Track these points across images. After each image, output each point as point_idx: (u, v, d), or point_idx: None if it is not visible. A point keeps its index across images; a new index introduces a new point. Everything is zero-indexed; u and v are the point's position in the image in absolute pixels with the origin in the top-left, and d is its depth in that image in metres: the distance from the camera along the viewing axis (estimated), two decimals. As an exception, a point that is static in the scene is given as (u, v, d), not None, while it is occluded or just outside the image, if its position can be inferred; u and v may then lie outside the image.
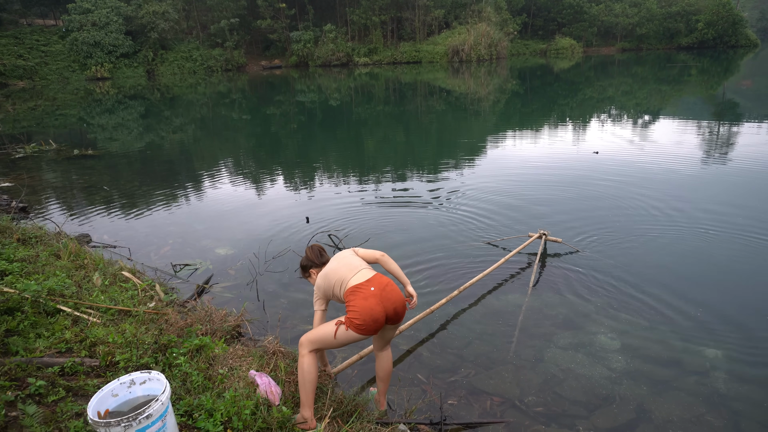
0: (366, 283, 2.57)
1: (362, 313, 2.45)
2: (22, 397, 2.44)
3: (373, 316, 2.46)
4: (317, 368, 2.56)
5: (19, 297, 3.31)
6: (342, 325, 2.49)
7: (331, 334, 2.51)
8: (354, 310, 2.47)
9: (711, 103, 17.78)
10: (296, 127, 15.73)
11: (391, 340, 2.84)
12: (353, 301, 2.50)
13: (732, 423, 2.88)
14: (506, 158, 9.99)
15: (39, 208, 7.51)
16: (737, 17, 51.06)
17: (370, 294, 2.51)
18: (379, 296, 2.52)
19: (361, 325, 2.45)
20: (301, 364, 2.51)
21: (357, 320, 2.45)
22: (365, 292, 2.52)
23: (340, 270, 2.68)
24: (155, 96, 27.90)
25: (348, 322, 2.48)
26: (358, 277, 2.61)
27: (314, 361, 2.53)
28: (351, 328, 2.47)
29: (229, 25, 45.07)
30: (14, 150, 11.99)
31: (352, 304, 2.49)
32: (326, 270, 2.76)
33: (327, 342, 2.55)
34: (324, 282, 2.73)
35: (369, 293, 2.51)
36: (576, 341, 3.72)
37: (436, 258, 5.26)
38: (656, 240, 5.49)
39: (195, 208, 7.46)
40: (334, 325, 2.52)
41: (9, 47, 39.19)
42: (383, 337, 2.76)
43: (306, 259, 3.01)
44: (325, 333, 2.54)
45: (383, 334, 2.74)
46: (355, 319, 2.46)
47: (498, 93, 23.30)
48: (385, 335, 2.75)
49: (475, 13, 48.65)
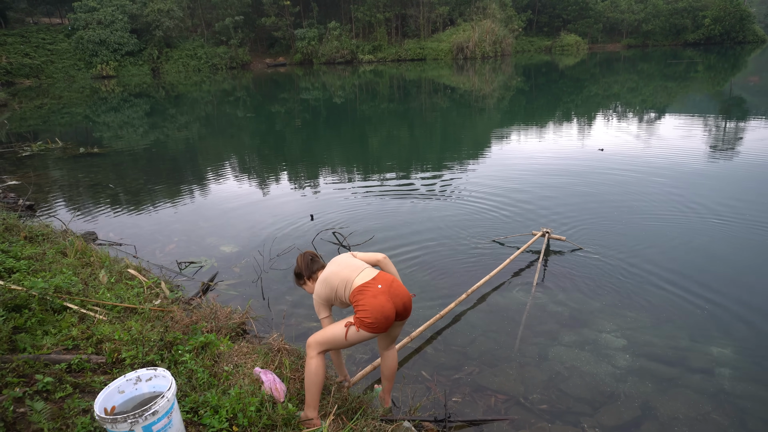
0: (372, 281, 2.54)
1: (373, 311, 2.42)
2: (30, 393, 2.46)
3: (384, 313, 2.44)
4: (325, 371, 2.53)
5: (26, 294, 3.34)
6: (352, 326, 2.45)
7: (341, 335, 2.47)
8: (364, 309, 2.44)
9: (718, 100, 17.65)
10: (301, 125, 15.74)
11: (397, 338, 2.82)
12: (362, 300, 2.46)
13: (738, 421, 2.87)
14: (511, 155, 9.96)
15: (46, 206, 7.56)
16: (744, 13, 50.57)
17: (378, 291, 2.48)
18: (388, 293, 2.49)
19: (373, 323, 2.42)
20: (309, 366, 2.48)
21: (368, 319, 2.42)
22: (373, 290, 2.49)
23: (342, 272, 2.63)
24: (160, 94, 27.98)
25: (358, 322, 2.44)
26: (363, 276, 2.58)
27: (322, 364, 2.49)
28: (362, 328, 2.43)
29: (234, 22, 45.10)
30: (21, 148, 12.07)
31: (362, 303, 2.45)
32: (326, 274, 2.68)
33: (337, 343, 2.52)
34: (325, 287, 2.65)
35: (377, 291, 2.48)
36: (580, 339, 3.72)
37: (442, 256, 5.26)
38: (661, 237, 5.46)
39: (200, 205, 7.49)
40: (343, 326, 2.47)
41: (15, 46, 39.43)
42: (390, 335, 2.75)
43: (299, 267, 2.87)
44: (334, 335, 2.50)
45: (391, 331, 2.72)
46: (366, 318, 2.42)
47: (503, 90, 23.21)
48: (393, 333, 2.74)
49: (480, 9, 48.42)
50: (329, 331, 2.53)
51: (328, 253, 5.37)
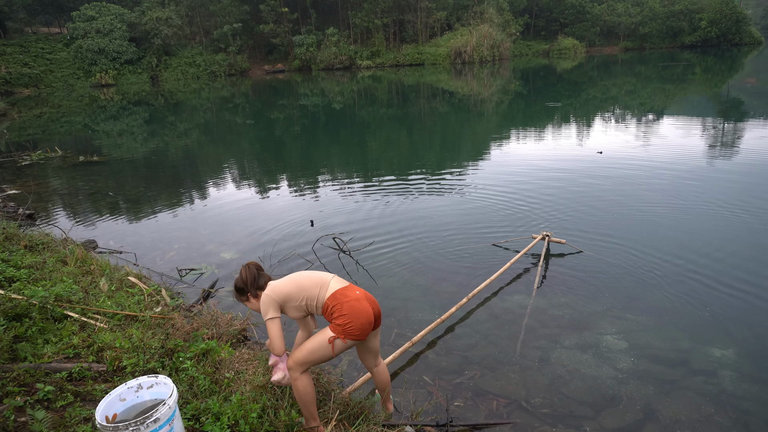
0: (349, 287, 2.48)
1: (357, 316, 2.36)
2: (31, 402, 2.46)
3: (368, 318, 2.40)
4: (312, 383, 2.47)
5: (27, 303, 3.34)
6: (337, 339, 2.37)
7: (328, 351, 2.39)
8: (344, 315, 2.35)
9: (715, 102, 17.71)
10: (300, 131, 15.77)
11: (378, 351, 2.73)
12: (341, 307, 2.37)
13: (741, 423, 2.86)
14: (510, 159, 9.97)
15: (45, 215, 7.56)
16: (741, 15, 50.78)
17: (356, 297, 2.42)
18: (366, 298, 2.47)
19: (357, 329, 2.36)
20: (296, 387, 2.41)
21: (351, 325, 2.34)
22: (353, 294, 2.43)
23: (314, 276, 2.51)
24: (159, 102, 28.05)
25: (342, 331, 2.35)
26: (338, 282, 2.49)
27: (309, 380, 2.44)
28: (348, 338, 2.36)
29: (232, 30, 45.28)
30: (20, 157, 12.08)
31: (340, 310, 2.37)
32: (294, 277, 2.52)
33: (323, 359, 2.43)
34: (292, 286, 2.46)
35: (357, 296, 2.43)
36: (582, 342, 3.71)
37: (442, 261, 5.26)
38: (660, 240, 5.46)
39: (200, 212, 7.49)
40: (327, 342, 2.37)
41: (14, 55, 39.55)
42: (371, 348, 2.67)
43: (242, 281, 2.55)
44: (319, 351, 2.40)
45: (370, 342, 2.63)
46: (349, 324, 2.34)
47: (501, 94, 23.28)
48: (373, 345, 2.66)
49: (477, 14, 48.64)
50: (310, 349, 2.41)
51: (328, 257, 5.39)
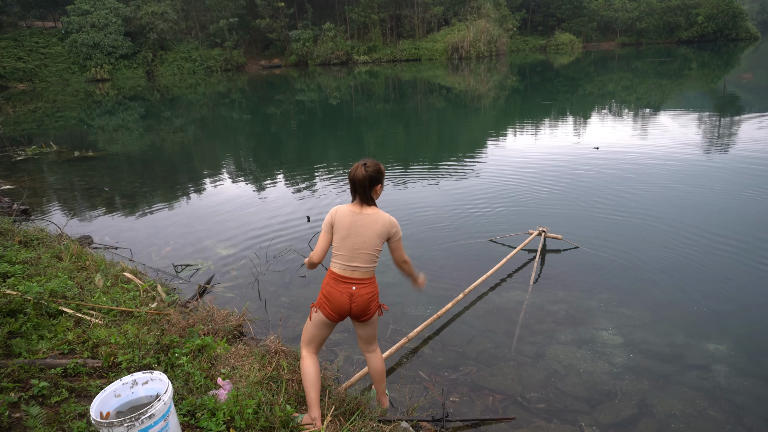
0: (341, 275, 2.51)
1: (327, 299, 2.51)
2: (25, 398, 2.45)
3: (338, 308, 2.50)
4: (312, 369, 2.54)
5: (21, 299, 3.32)
6: (314, 307, 2.59)
7: (308, 319, 2.63)
8: (323, 291, 2.55)
9: (712, 97, 17.74)
10: (296, 127, 15.73)
11: (375, 339, 2.76)
12: (325, 285, 2.55)
13: (734, 417, 2.88)
14: (506, 154, 9.97)
15: (40, 210, 7.52)
16: (737, 10, 50.86)
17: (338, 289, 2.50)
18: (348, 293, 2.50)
19: (324, 308, 2.53)
20: (300, 366, 2.60)
21: (322, 302, 2.54)
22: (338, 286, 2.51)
23: (347, 241, 2.49)
24: (155, 97, 27.91)
25: (317, 302, 2.58)
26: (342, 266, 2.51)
27: (309, 361, 2.56)
28: (320, 310, 2.55)
29: (228, 24, 45.03)
30: (15, 152, 12.01)
31: (324, 287, 2.55)
32: (345, 216, 2.52)
33: (307, 329, 2.63)
34: (333, 221, 2.52)
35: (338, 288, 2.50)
36: (577, 337, 3.72)
37: (438, 256, 5.26)
38: (656, 234, 5.48)
39: (196, 208, 7.47)
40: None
41: (9, 50, 39.28)
42: (360, 334, 2.72)
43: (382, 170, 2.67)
44: (306, 323, 2.65)
45: (359, 330, 2.69)
46: (321, 300, 2.55)
47: (498, 89, 23.26)
48: (361, 332, 2.70)
49: (474, 9, 48.53)
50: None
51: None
